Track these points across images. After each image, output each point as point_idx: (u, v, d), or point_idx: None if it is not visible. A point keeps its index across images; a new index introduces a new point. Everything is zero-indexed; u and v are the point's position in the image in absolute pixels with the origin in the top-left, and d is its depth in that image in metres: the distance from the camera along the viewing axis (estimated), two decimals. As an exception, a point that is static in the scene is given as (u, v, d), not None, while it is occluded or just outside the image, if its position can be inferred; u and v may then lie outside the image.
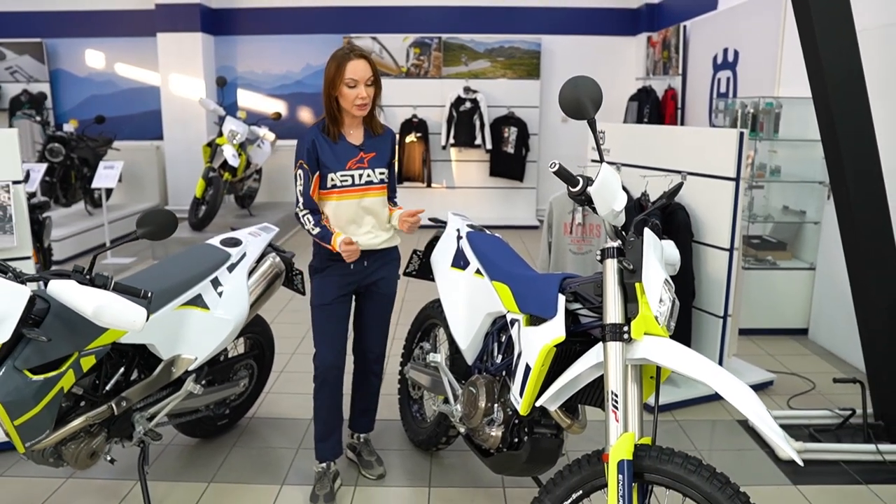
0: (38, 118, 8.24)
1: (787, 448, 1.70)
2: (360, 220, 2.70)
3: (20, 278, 2.05)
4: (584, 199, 1.90)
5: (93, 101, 9.08)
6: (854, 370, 4.08)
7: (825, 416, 3.41)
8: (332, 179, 2.64)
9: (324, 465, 2.82)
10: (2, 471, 2.97)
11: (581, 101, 1.86)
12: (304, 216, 2.64)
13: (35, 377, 2.07)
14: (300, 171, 2.63)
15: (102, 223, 6.87)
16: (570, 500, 1.91)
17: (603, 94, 1.91)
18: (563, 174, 1.86)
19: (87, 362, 2.26)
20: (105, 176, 6.62)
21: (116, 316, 2.04)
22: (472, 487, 2.88)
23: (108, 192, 7.25)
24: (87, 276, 2.13)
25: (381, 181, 2.72)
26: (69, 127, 7.60)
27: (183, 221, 8.11)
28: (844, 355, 4.30)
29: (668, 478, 1.78)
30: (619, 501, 1.74)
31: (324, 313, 2.73)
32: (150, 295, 2.17)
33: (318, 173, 2.63)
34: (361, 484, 2.91)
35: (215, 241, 2.99)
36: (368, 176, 2.68)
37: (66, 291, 2.01)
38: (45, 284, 2.09)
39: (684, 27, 7.43)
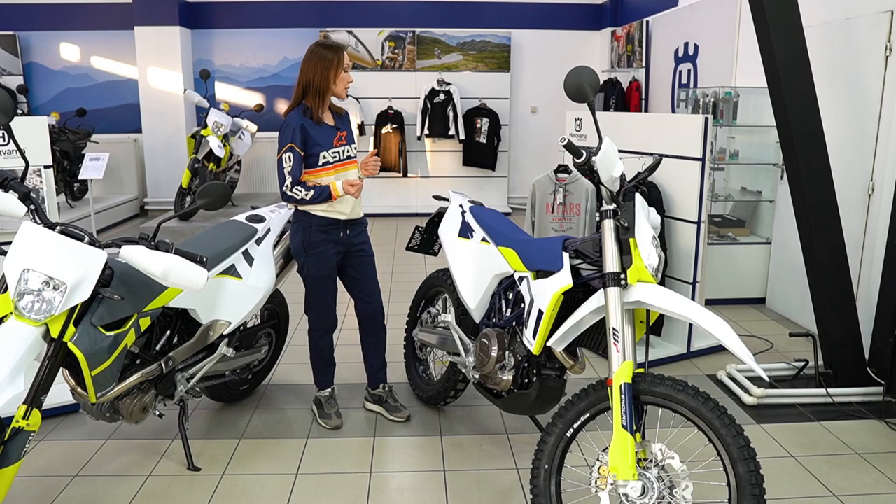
0: (19, 111, 8.27)
1: (755, 365, 2.09)
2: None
3: (96, 244, 2.31)
4: (586, 169, 2.25)
5: (68, 94, 9.13)
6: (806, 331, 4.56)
7: (782, 368, 3.86)
8: (325, 157, 3.01)
9: (328, 390, 3.37)
10: (44, 435, 3.21)
11: (582, 86, 2.20)
12: (294, 189, 2.96)
13: (107, 333, 2.34)
14: (289, 154, 2.94)
15: (84, 215, 7.01)
16: (578, 423, 2.28)
17: (600, 81, 2.26)
18: (571, 147, 2.21)
19: (144, 323, 2.54)
20: (92, 167, 6.75)
21: (182, 276, 2.32)
22: (479, 435, 3.24)
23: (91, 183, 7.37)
24: (152, 243, 2.40)
25: (355, 155, 3.16)
26: (50, 119, 7.67)
27: (169, 211, 8.27)
28: (798, 319, 4.79)
29: (660, 398, 2.16)
30: (622, 417, 2.10)
31: (322, 283, 3.15)
32: (205, 260, 2.46)
33: (304, 154, 2.98)
34: (380, 435, 3.24)
35: (241, 217, 3.28)
36: (348, 151, 3.12)
37: (137, 255, 2.29)
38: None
39: (647, 22, 7.88)
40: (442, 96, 8.89)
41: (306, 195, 2.96)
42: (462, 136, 8.98)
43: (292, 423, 3.37)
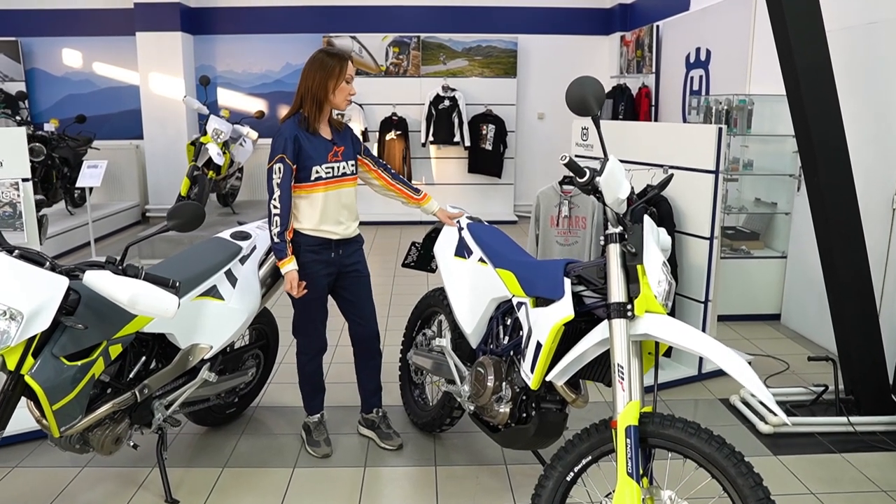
0: (19, 118, 8.17)
1: (777, 409, 1.89)
2: (340, 211, 2.92)
3: (57, 269, 2.15)
4: (590, 189, 2.06)
5: (70, 100, 9.02)
6: (824, 352, 4.33)
7: (800, 392, 3.64)
8: (318, 172, 2.82)
9: (317, 416, 3.20)
10: (17, 461, 3.05)
11: (586, 98, 2.01)
12: (275, 216, 2.76)
13: (70, 364, 2.17)
14: (280, 165, 2.76)
15: (83, 223, 6.88)
16: (580, 466, 2.08)
17: (605, 93, 2.07)
18: (572, 166, 2.02)
19: (115, 350, 2.37)
20: (89, 175, 6.62)
21: (150, 303, 2.15)
22: (476, 465, 3.04)
23: (90, 191, 7.24)
24: (120, 267, 2.23)
25: (353, 172, 2.97)
26: (49, 126, 7.56)
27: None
28: (815, 338, 4.56)
29: (670, 441, 1.96)
30: (627, 463, 1.91)
31: (311, 306, 2.96)
32: (178, 284, 2.29)
33: (295, 167, 2.79)
34: (371, 465, 3.05)
35: (225, 234, 3.11)
36: (343, 168, 2.92)
37: (102, 281, 2.12)
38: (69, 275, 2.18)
39: (657, 27, 7.68)
40: (447, 102, 8.72)
41: (274, 235, 2.78)
42: (467, 143, 8.80)
43: (280, 450, 3.19)
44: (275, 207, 2.75)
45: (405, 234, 8.12)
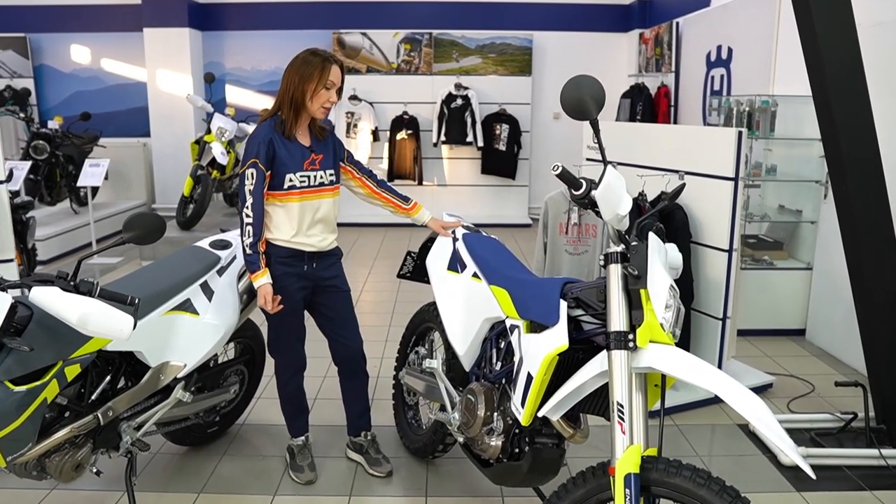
0: (23, 115, 8.09)
1: (796, 456, 1.65)
2: (314, 224, 2.70)
3: (1, 285, 1.96)
4: (587, 203, 1.83)
5: (78, 97, 8.94)
6: (852, 371, 4.05)
7: (826, 419, 3.37)
8: (291, 180, 2.61)
9: (301, 439, 2.99)
10: (-17, 482, 2.88)
11: (583, 100, 1.78)
12: (247, 225, 2.57)
13: (17, 388, 1.98)
14: (252, 171, 2.55)
15: (88, 222, 6.76)
16: (574, 515, 1.85)
17: (605, 94, 1.83)
18: (565, 177, 1.79)
19: (72, 371, 2.18)
20: (91, 174, 6.51)
21: (102, 324, 1.96)
22: (470, 497, 2.82)
23: (94, 190, 7.13)
24: (72, 283, 2.05)
25: (332, 182, 2.74)
26: (54, 124, 7.45)
27: (171, 220, 7.99)
28: (842, 356, 4.27)
29: (676, 491, 1.72)
30: (626, 517, 1.67)
31: (286, 322, 2.75)
32: (136, 301, 2.09)
33: (268, 174, 2.58)
34: (357, 494, 2.84)
35: (204, 243, 2.92)
36: (321, 177, 2.70)
37: (49, 299, 1.93)
38: (28, 291, 2.01)
39: (677, 24, 7.39)
40: (459, 101, 8.49)
41: (246, 246, 2.58)
42: (480, 143, 8.56)
43: (262, 473, 2.99)
44: (247, 216, 2.55)
45: (415, 238, 7.90)
